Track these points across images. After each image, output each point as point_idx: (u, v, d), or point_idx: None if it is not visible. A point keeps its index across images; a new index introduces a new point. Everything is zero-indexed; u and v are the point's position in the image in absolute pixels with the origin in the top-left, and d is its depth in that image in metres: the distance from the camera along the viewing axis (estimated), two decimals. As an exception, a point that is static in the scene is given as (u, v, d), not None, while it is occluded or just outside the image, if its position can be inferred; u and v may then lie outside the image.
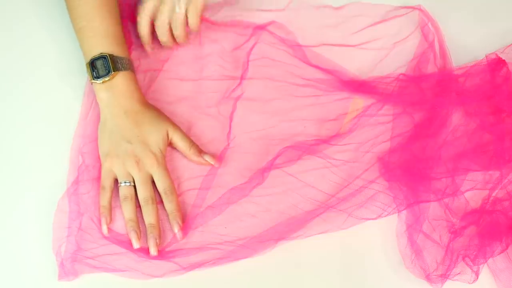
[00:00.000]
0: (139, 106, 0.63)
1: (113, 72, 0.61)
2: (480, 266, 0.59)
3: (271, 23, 0.70)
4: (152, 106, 0.65)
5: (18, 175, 0.63)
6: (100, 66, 0.62)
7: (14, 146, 0.65)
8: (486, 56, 0.67)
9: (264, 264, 0.60)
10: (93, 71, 0.62)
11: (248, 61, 0.68)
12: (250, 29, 0.70)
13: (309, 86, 0.68)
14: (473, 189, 0.62)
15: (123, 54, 0.64)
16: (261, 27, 0.70)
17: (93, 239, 0.60)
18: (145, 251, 0.59)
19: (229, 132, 0.65)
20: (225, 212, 0.61)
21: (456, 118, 0.66)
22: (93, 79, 0.62)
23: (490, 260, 0.60)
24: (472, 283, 0.59)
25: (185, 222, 0.61)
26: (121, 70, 0.62)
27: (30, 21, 0.70)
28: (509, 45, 0.69)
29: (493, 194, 0.62)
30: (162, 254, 0.60)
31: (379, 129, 0.66)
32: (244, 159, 0.64)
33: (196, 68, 0.69)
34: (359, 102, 0.67)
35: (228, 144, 0.64)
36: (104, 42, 0.63)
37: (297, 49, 0.70)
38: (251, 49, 0.69)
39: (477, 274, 0.59)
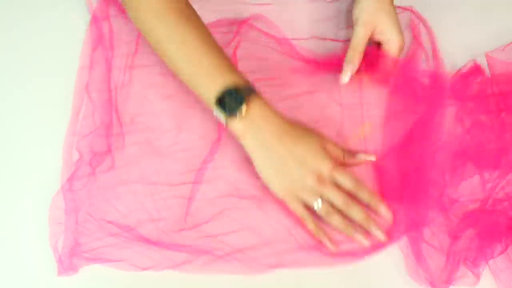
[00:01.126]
0: (285, 125, 0.58)
1: (246, 101, 0.56)
2: (480, 268, 0.59)
3: (255, 16, 0.69)
4: (292, 119, 0.60)
5: (14, 171, 0.62)
6: (229, 102, 0.56)
7: (9, 142, 0.63)
8: (485, 55, 0.68)
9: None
10: (224, 109, 0.56)
11: (236, 59, 0.67)
12: (235, 26, 0.68)
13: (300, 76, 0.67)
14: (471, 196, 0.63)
15: (243, 80, 0.58)
16: (245, 21, 0.69)
17: (90, 233, 0.59)
18: (144, 239, 0.58)
19: (219, 125, 0.63)
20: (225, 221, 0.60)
21: (450, 120, 0.66)
22: (228, 116, 0.56)
23: (490, 260, 0.60)
24: (473, 285, 0.59)
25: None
26: (251, 95, 0.57)
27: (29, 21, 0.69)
28: (509, 44, 0.69)
29: (492, 195, 0.63)
30: (160, 244, 0.58)
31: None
32: (238, 151, 0.62)
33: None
34: (368, 126, 0.66)
35: (220, 138, 0.63)
36: (222, 77, 0.57)
37: (284, 43, 0.68)
38: (236, 47, 0.67)
39: (478, 276, 0.59)
